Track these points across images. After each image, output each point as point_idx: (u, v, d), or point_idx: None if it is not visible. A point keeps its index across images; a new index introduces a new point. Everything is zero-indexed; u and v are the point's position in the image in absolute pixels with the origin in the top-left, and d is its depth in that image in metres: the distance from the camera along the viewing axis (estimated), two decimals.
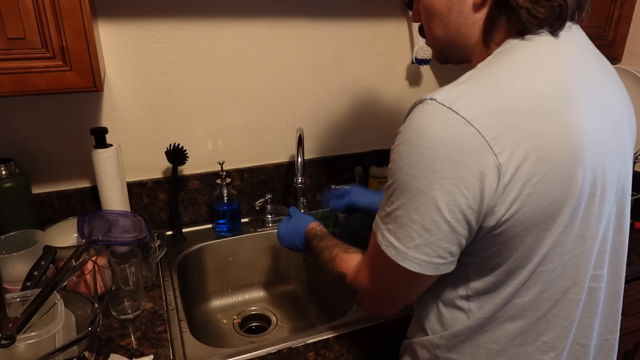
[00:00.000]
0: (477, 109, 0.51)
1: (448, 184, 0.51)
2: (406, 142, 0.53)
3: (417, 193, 0.53)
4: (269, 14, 1.17)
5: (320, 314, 1.20)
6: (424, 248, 0.55)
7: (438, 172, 0.51)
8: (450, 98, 0.52)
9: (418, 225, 0.54)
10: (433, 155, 0.51)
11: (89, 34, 0.79)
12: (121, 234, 0.99)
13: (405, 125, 0.55)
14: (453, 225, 0.53)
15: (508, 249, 0.56)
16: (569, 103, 0.54)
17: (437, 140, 0.51)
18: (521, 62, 0.55)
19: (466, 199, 0.52)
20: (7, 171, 0.99)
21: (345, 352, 0.84)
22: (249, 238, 1.25)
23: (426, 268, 0.56)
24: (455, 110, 0.51)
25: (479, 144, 0.50)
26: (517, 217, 0.53)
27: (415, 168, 0.53)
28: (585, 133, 0.54)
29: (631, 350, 1.30)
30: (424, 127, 0.52)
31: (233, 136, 1.26)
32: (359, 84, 1.34)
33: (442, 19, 0.62)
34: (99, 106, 1.11)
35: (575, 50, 0.58)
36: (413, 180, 0.53)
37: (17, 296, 0.74)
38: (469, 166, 0.50)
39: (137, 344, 0.84)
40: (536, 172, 0.51)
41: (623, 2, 1.31)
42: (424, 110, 0.53)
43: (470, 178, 0.51)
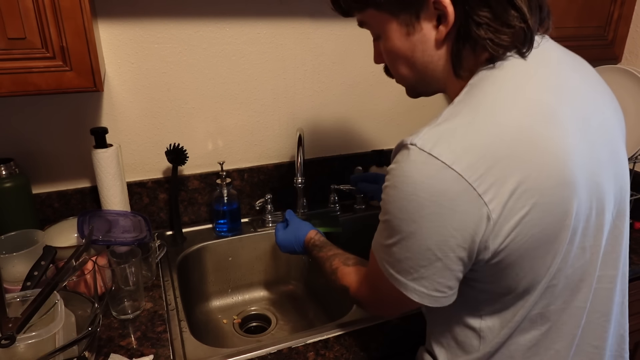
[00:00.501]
0: (457, 152, 0.51)
1: (436, 227, 0.52)
2: (394, 187, 0.54)
3: (407, 235, 0.54)
4: (269, 14, 1.17)
5: (320, 314, 1.20)
6: (421, 281, 0.57)
7: (425, 216, 0.52)
8: (430, 143, 0.52)
9: (413, 262, 0.56)
10: (418, 201, 0.52)
11: (89, 34, 0.79)
12: (121, 234, 0.99)
13: (392, 169, 0.55)
14: (445, 262, 0.55)
15: (509, 275, 0.57)
16: (550, 127, 0.54)
17: (421, 187, 0.52)
18: (496, 93, 0.55)
19: (455, 239, 0.53)
20: (7, 171, 0.99)
21: (345, 352, 0.84)
22: (249, 238, 1.25)
23: (426, 300, 0.58)
24: (435, 156, 0.51)
25: (463, 187, 0.50)
26: (511, 247, 0.54)
27: (403, 212, 0.54)
28: (573, 153, 0.54)
29: (631, 350, 1.30)
30: (408, 174, 0.53)
31: (233, 136, 1.26)
32: (359, 84, 1.34)
33: (407, 59, 0.62)
34: (99, 106, 1.11)
35: (549, 67, 0.58)
36: (402, 224, 0.54)
37: (17, 296, 0.74)
38: (455, 209, 0.51)
39: (137, 344, 0.84)
40: (524, 203, 0.52)
41: (623, 2, 1.31)
42: (406, 156, 0.53)
43: (459, 221, 0.52)
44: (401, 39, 0.61)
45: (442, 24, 0.56)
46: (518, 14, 0.54)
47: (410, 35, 0.60)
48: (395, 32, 0.61)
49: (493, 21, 0.54)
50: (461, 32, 0.56)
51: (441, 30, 0.57)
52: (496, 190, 0.51)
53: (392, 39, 0.62)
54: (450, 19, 0.55)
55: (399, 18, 0.59)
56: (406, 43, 0.61)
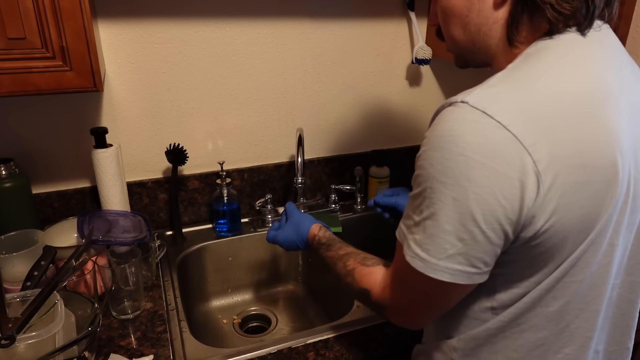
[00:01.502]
0: (514, 114, 0.48)
1: (485, 193, 0.48)
2: (437, 148, 0.50)
3: (450, 202, 0.50)
4: (269, 14, 1.17)
5: (320, 314, 1.20)
6: (457, 258, 0.52)
7: (474, 180, 0.48)
8: (484, 101, 0.49)
9: (451, 236, 0.51)
10: (467, 162, 0.48)
11: (89, 34, 0.79)
12: (121, 234, 0.99)
13: (434, 129, 0.51)
14: (489, 235, 0.50)
15: (544, 260, 0.53)
16: (607, 105, 0.51)
17: (472, 147, 0.47)
18: (555, 62, 0.52)
19: (504, 209, 0.48)
20: (7, 171, 0.99)
21: (345, 352, 0.84)
22: (249, 238, 1.25)
23: (459, 277, 0.52)
24: (490, 115, 0.47)
25: (517, 150, 0.47)
26: (556, 228, 0.50)
27: (448, 176, 0.49)
28: (622, 137, 0.51)
29: None
30: (457, 132, 0.48)
31: (233, 136, 1.26)
32: (359, 84, 1.34)
33: (461, 19, 0.59)
34: (99, 106, 1.11)
35: (608, 50, 0.56)
36: (446, 189, 0.49)
37: (17, 296, 0.74)
38: (507, 174, 0.47)
39: (137, 344, 0.84)
40: (576, 179, 0.49)
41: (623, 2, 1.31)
42: (455, 113, 0.49)
43: (509, 187, 0.48)
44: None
45: None
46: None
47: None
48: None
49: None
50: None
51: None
52: (550, 160, 0.47)
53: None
54: None
55: None
56: (463, 1, 0.58)
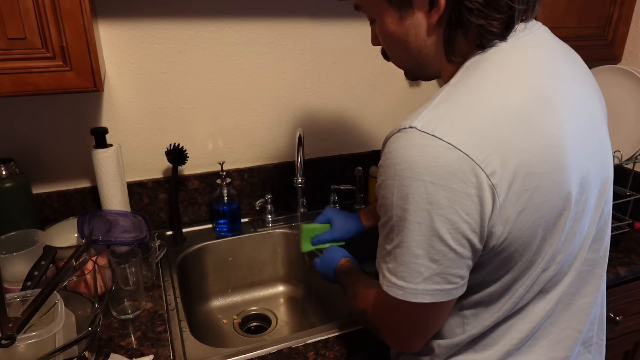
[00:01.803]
0: (461, 133, 0.50)
1: (447, 212, 0.50)
2: (393, 177, 0.52)
3: (415, 227, 0.51)
4: (269, 14, 1.17)
5: (320, 314, 1.20)
6: (434, 278, 0.54)
7: (435, 202, 0.50)
8: (431, 124, 0.50)
9: (423, 259, 0.53)
10: (425, 186, 0.49)
11: (89, 34, 0.79)
12: (121, 234, 0.99)
13: (387, 158, 0.53)
14: (459, 251, 0.52)
15: (506, 264, 0.56)
16: (547, 112, 0.54)
17: (427, 171, 0.49)
18: (494, 75, 0.54)
19: (468, 224, 0.51)
20: (7, 171, 0.99)
21: (345, 352, 0.84)
22: (249, 238, 1.25)
23: (439, 296, 0.55)
24: (439, 137, 0.49)
25: (471, 167, 0.49)
26: (514, 234, 0.53)
27: (409, 202, 0.51)
28: (566, 138, 0.54)
29: (631, 350, 1.29)
30: (410, 158, 0.50)
31: (233, 136, 1.26)
32: (359, 84, 1.34)
33: (401, 43, 0.62)
34: (99, 106, 1.11)
35: (544, 52, 0.58)
36: (409, 215, 0.51)
37: (17, 296, 0.74)
38: (465, 191, 0.49)
39: (137, 344, 0.84)
40: (527, 187, 0.51)
41: (623, 2, 1.31)
42: (405, 139, 0.51)
43: (469, 203, 0.50)
44: (394, 24, 0.60)
45: (433, 8, 0.56)
46: (507, 1, 0.53)
47: (403, 19, 0.59)
48: (388, 16, 0.60)
49: (484, 7, 0.53)
50: (453, 17, 0.55)
51: (433, 15, 0.56)
52: (501, 172, 0.50)
53: (386, 23, 0.61)
54: (442, 3, 0.54)
55: (392, 2, 0.59)
56: (400, 27, 0.60)
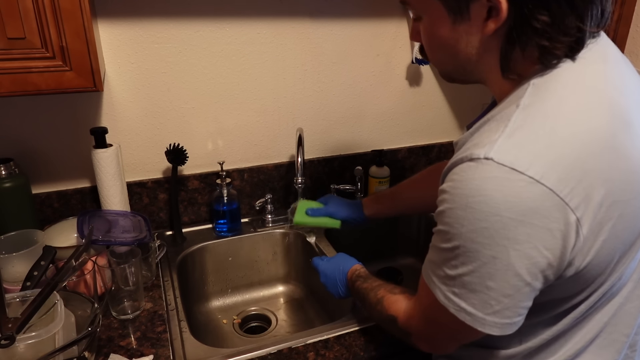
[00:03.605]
0: (544, 165, 0.46)
1: (526, 248, 0.47)
2: (465, 208, 0.48)
3: (490, 260, 0.49)
4: (269, 14, 1.17)
5: (320, 314, 1.20)
6: (504, 312, 0.51)
7: (512, 238, 0.47)
8: (510, 156, 0.47)
9: (496, 293, 0.50)
10: (503, 222, 0.47)
11: (88, 34, 0.79)
12: (121, 234, 0.99)
13: (457, 187, 0.49)
14: (533, 285, 0.50)
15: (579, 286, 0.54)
16: (628, 133, 0.51)
17: (506, 206, 0.46)
18: (570, 97, 0.50)
19: (546, 259, 0.48)
20: (7, 171, 0.99)
21: (345, 352, 0.84)
22: (249, 238, 1.25)
23: (507, 329, 0.53)
24: (520, 171, 0.46)
25: (554, 203, 0.46)
26: (594, 263, 0.51)
27: (483, 236, 0.48)
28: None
29: None
30: (486, 192, 0.47)
31: (233, 136, 1.26)
32: (359, 84, 1.34)
33: (449, 48, 0.57)
34: (99, 106, 1.11)
35: (612, 65, 0.55)
36: (483, 248, 0.48)
37: (17, 296, 0.74)
38: (547, 227, 0.47)
39: (137, 344, 0.84)
40: (611, 215, 0.49)
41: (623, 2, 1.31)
42: (480, 172, 0.48)
43: (550, 238, 0.47)
44: (446, 26, 0.55)
45: (491, 18, 0.51)
46: (577, 22, 0.49)
47: (456, 23, 0.54)
48: (440, 19, 0.55)
49: (550, 27, 0.49)
50: (513, 33, 0.51)
51: (490, 25, 0.51)
52: (586, 203, 0.47)
53: (436, 25, 0.56)
54: (503, 15, 0.49)
55: (447, 5, 0.54)
56: (451, 32, 0.55)
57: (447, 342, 0.63)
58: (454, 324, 0.55)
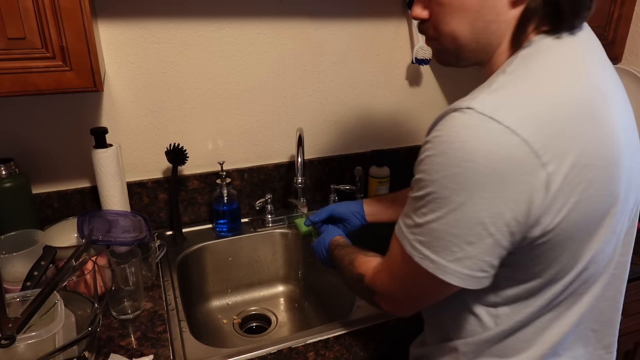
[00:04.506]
0: (520, 118, 0.48)
1: (493, 197, 0.48)
2: (442, 154, 0.49)
3: (457, 207, 0.50)
4: (269, 14, 1.17)
5: (320, 314, 1.20)
6: (465, 262, 0.52)
7: (481, 185, 0.48)
8: (490, 106, 0.48)
9: (459, 239, 0.51)
10: (475, 168, 0.47)
11: (89, 34, 0.79)
12: (121, 234, 0.99)
13: (438, 135, 0.50)
14: (497, 238, 0.51)
15: (548, 258, 0.54)
16: (605, 104, 0.53)
17: (480, 153, 0.47)
18: (556, 65, 0.52)
19: (512, 212, 0.49)
20: (7, 171, 0.99)
21: (345, 352, 0.84)
22: (249, 238, 1.25)
23: (468, 282, 0.53)
24: (497, 120, 0.47)
25: (526, 154, 0.47)
26: (562, 226, 0.51)
27: (454, 182, 0.49)
28: (620, 133, 0.53)
29: (631, 350, 1.30)
30: (464, 139, 0.48)
31: (233, 136, 1.26)
32: (359, 84, 1.34)
33: (471, 14, 0.55)
34: (99, 106, 1.11)
35: (596, 49, 0.57)
36: (452, 194, 0.49)
37: (17, 296, 0.74)
38: (516, 179, 0.48)
39: (137, 344, 0.84)
40: (583, 178, 0.50)
41: (623, 2, 1.31)
42: (461, 120, 0.49)
43: (518, 191, 0.48)
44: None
45: None
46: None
47: None
48: None
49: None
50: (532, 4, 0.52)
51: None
52: (559, 161, 0.48)
53: None
54: None
55: None
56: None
57: (409, 301, 0.63)
58: (417, 276, 0.55)
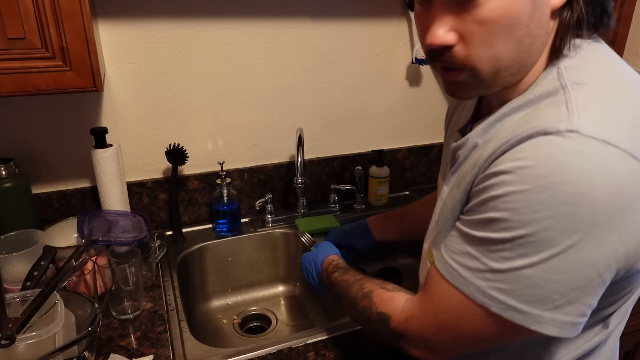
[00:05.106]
0: (632, 137, 0.41)
1: (609, 234, 0.41)
2: (543, 190, 0.41)
3: (563, 250, 0.42)
4: (269, 14, 1.17)
5: (320, 314, 1.20)
6: (567, 308, 0.44)
7: (598, 223, 0.40)
8: (598, 127, 0.40)
9: (563, 286, 0.43)
10: (593, 204, 0.40)
11: (89, 34, 0.79)
12: (121, 234, 0.99)
13: (527, 165, 0.42)
14: (605, 278, 0.43)
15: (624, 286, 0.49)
16: None
17: (598, 186, 0.39)
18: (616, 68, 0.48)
19: (625, 246, 0.42)
20: (7, 171, 0.99)
21: (346, 352, 0.84)
22: (249, 238, 1.25)
23: (567, 330, 0.45)
24: (612, 143, 0.40)
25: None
26: None
27: (563, 222, 0.41)
28: None
29: (631, 350, 1.29)
30: (574, 171, 0.40)
31: (233, 136, 1.26)
32: (359, 84, 1.34)
33: (520, 30, 0.46)
34: (99, 106, 1.11)
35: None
36: (560, 236, 0.41)
37: (17, 296, 0.74)
38: (635, 208, 0.41)
39: (137, 344, 0.84)
40: None
41: (623, 2, 1.31)
42: (563, 146, 0.41)
43: (635, 222, 0.42)
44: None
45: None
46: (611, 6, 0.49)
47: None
48: None
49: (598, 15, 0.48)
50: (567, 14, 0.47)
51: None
52: None
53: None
54: None
55: None
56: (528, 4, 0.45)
57: (454, 349, 0.54)
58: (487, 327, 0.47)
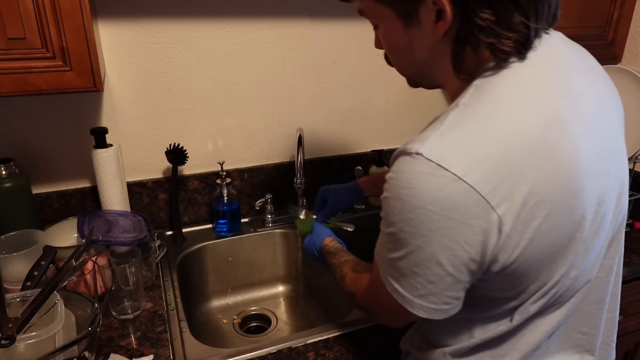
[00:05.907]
0: (468, 162, 0.48)
1: (447, 240, 0.50)
2: (397, 198, 0.51)
3: (415, 249, 0.52)
4: (269, 14, 1.17)
5: (320, 314, 1.20)
6: (429, 297, 0.55)
7: (435, 230, 0.50)
8: (438, 152, 0.49)
9: (421, 278, 0.54)
10: (427, 214, 0.49)
11: (89, 34, 0.79)
12: (121, 234, 0.99)
13: (393, 177, 0.52)
14: (456, 276, 0.53)
15: (517, 284, 0.56)
16: (561, 135, 0.52)
17: (430, 200, 0.49)
18: (506, 99, 0.52)
19: (467, 253, 0.51)
20: (7, 171, 0.99)
21: (345, 352, 0.84)
22: (249, 238, 1.25)
23: (434, 314, 0.56)
24: (444, 167, 0.48)
25: (475, 200, 0.48)
26: (521, 259, 0.52)
27: (410, 226, 0.51)
28: (582, 161, 0.52)
29: (631, 350, 1.29)
30: (414, 186, 0.49)
31: (233, 136, 1.26)
32: (359, 84, 1.34)
33: (404, 53, 0.60)
34: (99, 106, 1.11)
35: (557, 69, 0.56)
36: (410, 237, 0.52)
37: (17, 296, 0.74)
38: (467, 223, 0.49)
39: (137, 344, 0.84)
40: (536, 215, 0.50)
41: (623, 2, 1.31)
42: (411, 165, 0.50)
43: (470, 233, 0.50)
44: (399, 33, 0.58)
45: (440, 21, 0.52)
46: (523, 18, 0.50)
47: (408, 28, 0.56)
48: (392, 25, 0.58)
49: (495, 24, 0.50)
50: (461, 33, 0.53)
51: (440, 28, 0.53)
52: (509, 202, 0.49)
53: (390, 31, 0.59)
54: (448, 17, 0.51)
55: (396, 10, 0.56)
56: (404, 37, 0.58)
57: (394, 317, 0.67)
58: (395, 303, 0.58)
